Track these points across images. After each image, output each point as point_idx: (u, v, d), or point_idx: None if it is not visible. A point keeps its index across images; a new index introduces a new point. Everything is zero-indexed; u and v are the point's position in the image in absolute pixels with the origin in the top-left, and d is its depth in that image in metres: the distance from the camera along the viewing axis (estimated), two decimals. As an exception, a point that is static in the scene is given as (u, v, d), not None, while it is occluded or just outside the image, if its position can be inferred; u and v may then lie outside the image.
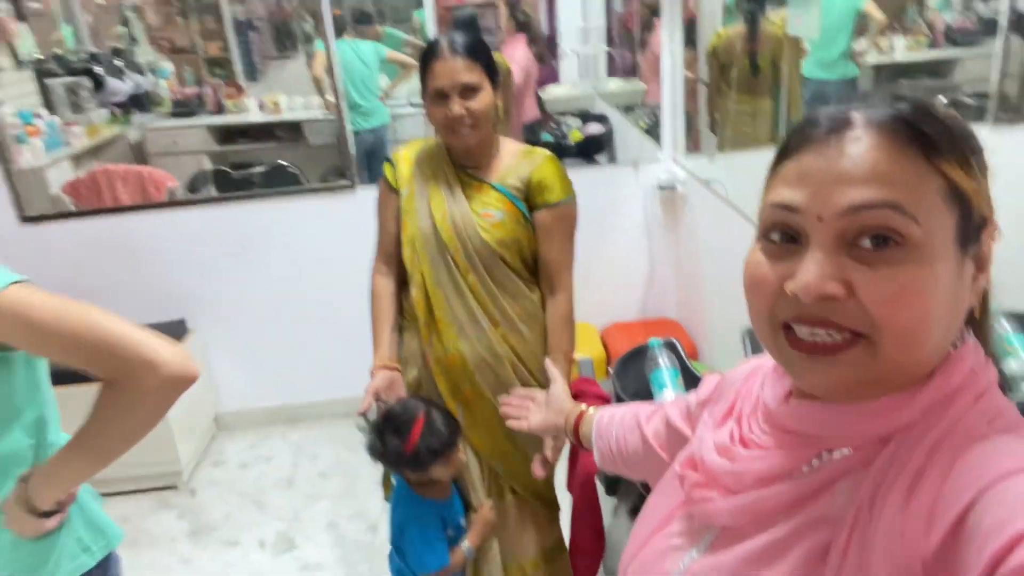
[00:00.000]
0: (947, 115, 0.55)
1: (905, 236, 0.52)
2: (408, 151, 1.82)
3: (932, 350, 0.56)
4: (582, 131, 3.95)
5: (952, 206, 0.53)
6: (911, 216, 0.52)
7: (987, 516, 0.48)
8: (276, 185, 3.41)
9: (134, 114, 4.34)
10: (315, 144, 4.42)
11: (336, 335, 3.29)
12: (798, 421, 0.62)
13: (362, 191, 3.12)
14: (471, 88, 1.61)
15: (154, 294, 3.18)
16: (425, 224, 1.73)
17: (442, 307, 1.74)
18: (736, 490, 0.64)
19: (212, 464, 3.20)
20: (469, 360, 1.76)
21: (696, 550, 0.67)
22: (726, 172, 2.65)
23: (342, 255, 3.18)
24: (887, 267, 0.53)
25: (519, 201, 1.72)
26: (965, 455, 0.53)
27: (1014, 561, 0.45)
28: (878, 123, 0.54)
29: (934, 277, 0.53)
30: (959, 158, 0.53)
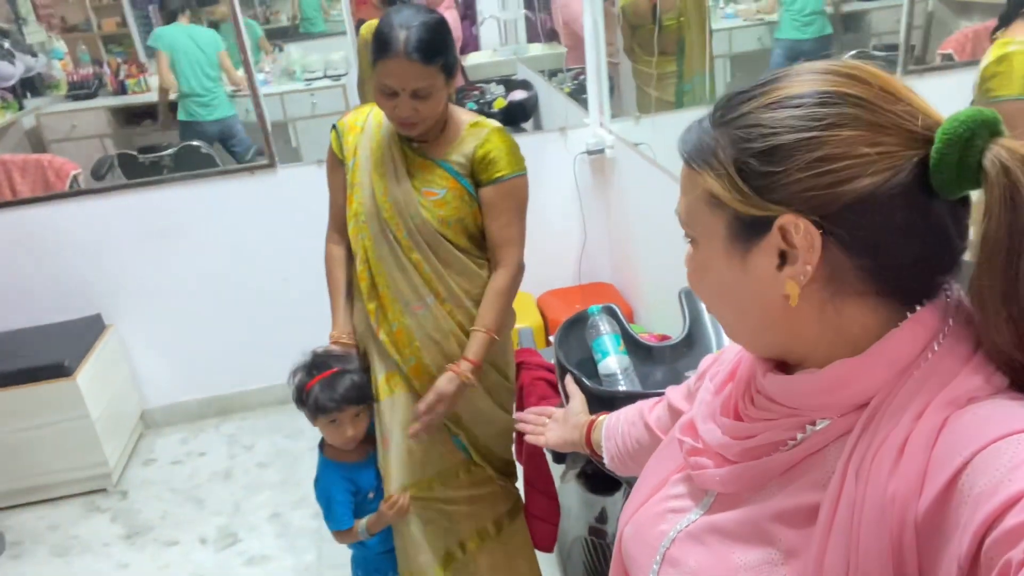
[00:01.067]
0: (739, 114, 0.59)
1: (691, 236, 0.65)
2: (355, 118, 1.75)
3: (751, 328, 0.64)
4: (506, 98, 3.89)
5: (718, 210, 0.60)
6: (685, 223, 0.65)
7: (980, 478, 0.48)
8: (189, 168, 3.24)
9: (27, 99, 4.05)
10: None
11: (265, 320, 3.18)
12: (775, 392, 0.64)
13: (284, 170, 3.00)
14: (422, 92, 1.54)
15: (66, 290, 3.00)
16: (367, 200, 1.68)
17: (385, 283, 1.71)
18: (729, 459, 0.66)
19: (142, 463, 3.07)
20: (416, 336, 1.73)
21: (695, 512, 0.69)
22: (652, 134, 2.66)
23: (267, 237, 3.07)
24: (692, 253, 0.66)
25: (463, 178, 1.67)
26: (957, 417, 0.53)
27: (1008, 523, 0.45)
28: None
29: (707, 265, 0.64)
30: (716, 169, 0.59)
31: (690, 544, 0.67)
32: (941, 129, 0.53)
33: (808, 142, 0.55)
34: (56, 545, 2.66)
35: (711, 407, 0.72)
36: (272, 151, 2.99)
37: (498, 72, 4.32)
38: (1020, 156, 0.51)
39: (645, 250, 2.83)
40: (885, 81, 0.56)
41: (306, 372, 1.73)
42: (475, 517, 1.88)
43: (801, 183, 0.55)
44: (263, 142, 3.00)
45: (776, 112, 0.56)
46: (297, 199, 3.00)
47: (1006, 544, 0.45)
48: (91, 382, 2.79)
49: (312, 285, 2.93)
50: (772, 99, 0.57)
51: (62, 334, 2.91)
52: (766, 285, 0.59)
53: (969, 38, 2.13)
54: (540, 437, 1.27)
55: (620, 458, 1.07)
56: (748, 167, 0.57)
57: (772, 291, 0.59)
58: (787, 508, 0.60)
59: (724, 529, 0.65)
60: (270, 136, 2.98)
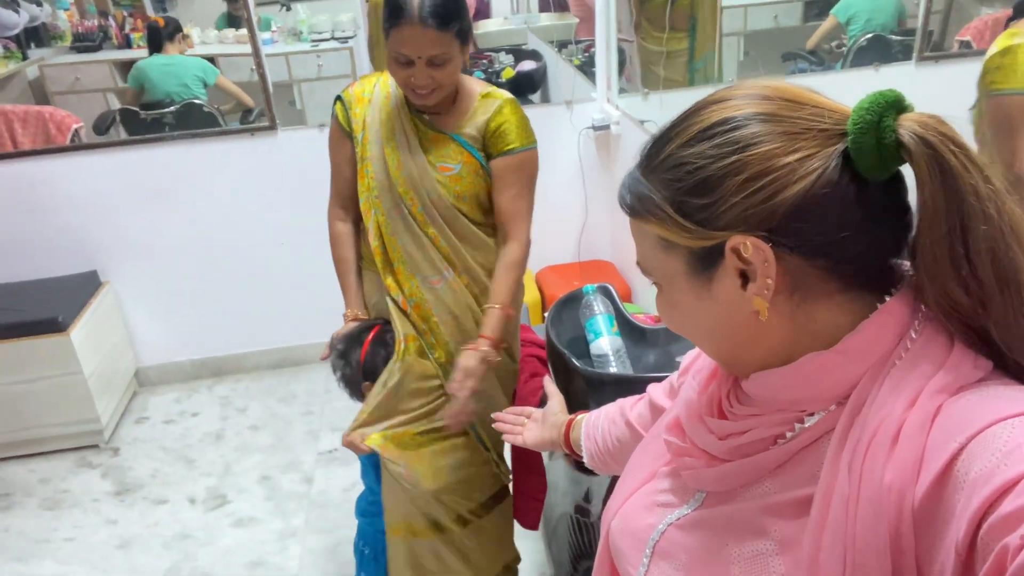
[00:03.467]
0: (667, 154, 0.61)
1: (653, 280, 0.67)
2: (362, 88, 1.69)
3: (731, 348, 0.65)
4: (515, 68, 3.83)
5: (673, 250, 0.62)
6: (645, 270, 0.67)
7: (975, 464, 0.48)
8: (191, 126, 3.21)
9: (31, 49, 4.00)
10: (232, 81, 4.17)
11: (262, 284, 3.17)
12: (754, 391, 0.64)
13: (284, 133, 2.96)
14: (439, 60, 1.49)
15: (62, 245, 2.99)
16: (380, 175, 1.64)
17: (401, 258, 1.68)
18: (719, 457, 0.66)
19: (135, 421, 3.08)
20: (434, 311, 1.70)
21: (686, 507, 0.69)
22: (660, 112, 2.61)
23: (265, 200, 3.05)
24: (659, 295, 0.68)
25: (477, 152, 1.64)
26: (951, 403, 0.54)
27: (1004, 509, 0.45)
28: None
29: (676, 305, 0.66)
30: (657, 214, 0.61)
31: (681, 537, 0.67)
32: (850, 120, 0.55)
33: (731, 167, 0.57)
34: (46, 498, 2.68)
35: (697, 406, 0.71)
36: (273, 113, 2.95)
37: (508, 41, 4.24)
38: (931, 126, 0.53)
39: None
40: (786, 91, 0.59)
41: (351, 349, 1.69)
42: (466, 496, 1.87)
43: (737, 206, 0.57)
44: (264, 103, 2.96)
45: (695, 147, 0.59)
46: (297, 162, 2.97)
47: (1003, 529, 0.45)
48: (85, 338, 2.79)
49: (309, 251, 2.92)
50: (688, 136, 0.60)
51: (57, 289, 2.90)
52: (735, 307, 0.61)
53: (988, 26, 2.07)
54: (518, 437, 1.27)
55: (600, 456, 1.06)
56: (685, 204, 0.59)
57: (742, 311, 0.61)
58: (781, 501, 0.60)
59: (716, 523, 0.64)
60: (271, 97, 2.94)
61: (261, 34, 3.76)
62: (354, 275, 1.78)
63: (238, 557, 2.38)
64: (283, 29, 4.11)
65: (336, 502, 2.56)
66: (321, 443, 2.87)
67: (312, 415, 3.04)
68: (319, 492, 2.63)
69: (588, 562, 1.96)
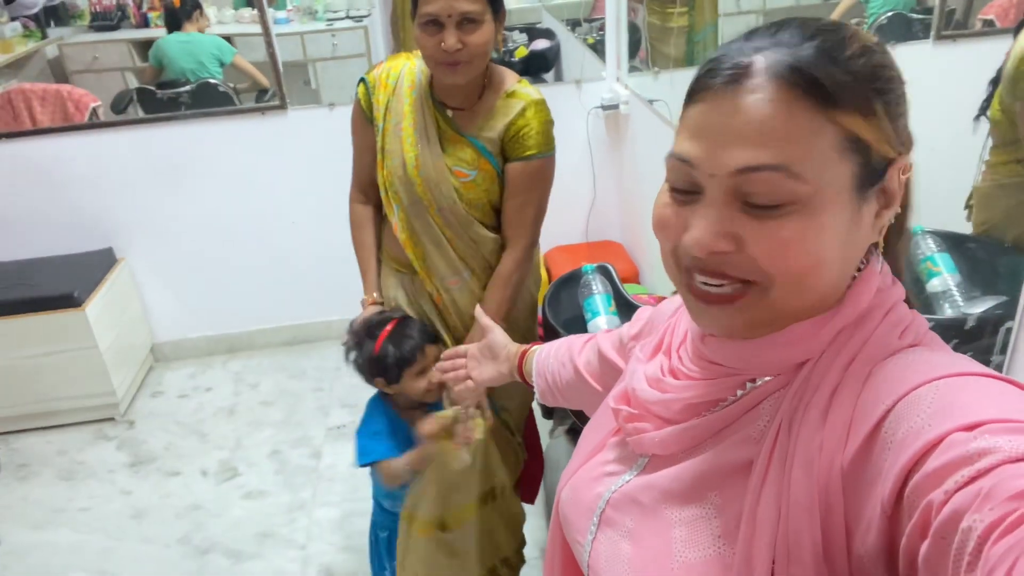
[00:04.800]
0: (857, 54, 0.54)
1: (794, 195, 0.53)
2: (386, 74, 1.62)
3: (827, 288, 0.58)
4: (528, 47, 3.80)
5: (849, 156, 0.54)
6: (798, 176, 0.52)
7: (901, 424, 0.50)
8: (206, 105, 3.23)
9: (51, 28, 4.05)
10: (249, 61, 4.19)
11: (274, 262, 3.21)
12: (718, 354, 0.63)
13: (294, 112, 2.98)
14: (471, 20, 1.42)
15: (78, 222, 3.04)
16: (399, 170, 1.59)
17: (422, 255, 1.65)
18: (668, 419, 0.66)
19: (150, 395, 3.15)
20: (451, 311, 1.70)
21: (629, 474, 0.70)
22: (669, 91, 2.58)
23: (277, 178, 3.07)
24: (775, 221, 0.54)
25: (493, 158, 1.59)
26: (880, 368, 0.55)
27: (929, 467, 0.46)
28: (775, 74, 0.53)
29: (823, 228, 0.54)
30: (860, 106, 0.53)
31: (625, 504, 0.68)
32: None
33: (903, 92, 0.57)
34: (62, 469, 2.75)
35: (646, 372, 0.71)
36: (283, 92, 2.97)
37: (523, 19, 4.21)
38: None
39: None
40: None
41: (365, 340, 1.64)
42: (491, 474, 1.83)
43: (908, 128, 0.58)
44: (274, 82, 2.98)
45: (884, 58, 0.56)
46: (308, 141, 2.99)
47: (927, 487, 0.46)
48: (100, 314, 2.84)
49: (320, 230, 2.96)
50: (869, 44, 0.56)
51: (73, 265, 2.96)
52: (866, 235, 0.58)
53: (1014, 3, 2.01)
54: (468, 382, 1.22)
55: (551, 394, 1.07)
56: (892, 108, 0.56)
57: (867, 241, 0.59)
58: (720, 464, 0.61)
59: (658, 487, 0.65)
60: (281, 76, 2.95)
61: (276, 13, 3.78)
62: (373, 259, 1.76)
63: (247, 528, 2.43)
64: (298, 9, 4.12)
65: (344, 476, 2.60)
66: (330, 419, 2.91)
67: (322, 391, 3.09)
68: (327, 467, 2.67)
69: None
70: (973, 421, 0.47)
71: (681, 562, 0.60)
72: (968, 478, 0.44)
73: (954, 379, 0.51)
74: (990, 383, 0.51)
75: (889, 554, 0.50)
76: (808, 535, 0.53)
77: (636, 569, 0.64)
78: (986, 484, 0.43)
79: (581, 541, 0.72)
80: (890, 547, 0.50)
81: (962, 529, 0.43)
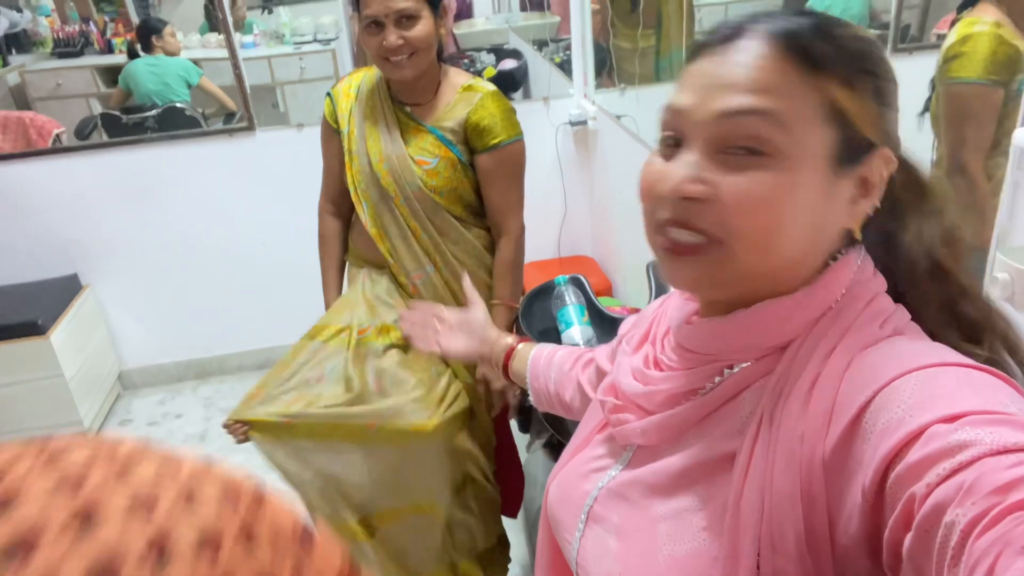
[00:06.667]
0: (850, 36, 0.57)
1: (772, 144, 0.54)
2: (348, 84, 1.73)
3: (788, 259, 0.58)
4: (496, 67, 3.84)
5: (831, 125, 0.55)
6: (781, 125, 0.54)
7: (882, 414, 0.50)
8: (172, 128, 3.21)
9: (12, 55, 4.00)
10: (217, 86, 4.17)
11: (243, 285, 3.17)
12: (697, 340, 0.64)
13: (262, 133, 2.97)
14: (408, 16, 1.51)
15: (43, 248, 2.99)
16: (365, 167, 1.67)
17: (388, 251, 1.70)
18: (650, 410, 0.66)
19: (118, 423, 3.08)
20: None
21: (615, 468, 0.70)
22: (636, 107, 2.62)
23: (245, 201, 3.05)
24: (749, 173, 0.55)
25: (455, 147, 1.64)
26: (860, 357, 0.55)
27: (910, 458, 0.47)
28: (767, 34, 0.56)
29: (792, 188, 0.55)
30: (844, 78, 0.55)
31: (612, 500, 0.68)
32: None
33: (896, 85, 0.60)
34: (28, 502, 2.67)
35: (630, 364, 0.72)
36: (251, 114, 2.96)
37: (489, 41, 4.26)
38: None
39: (625, 224, 2.81)
40: None
41: None
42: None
43: (894, 124, 0.59)
44: (241, 103, 2.97)
45: (876, 49, 0.58)
46: (276, 162, 2.98)
47: (909, 478, 0.46)
48: (65, 342, 2.79)
49: (290, 251, 2.93)
50: (862, 35, 0.58)
51: (38, 293, 2.90)
52: (838, 216, 0.59)
53: (966, 18, 2.08)
54: (433, 346, 1.16)
55: (548, 401, 1.03)
56: (879, 91, 0.58)
57: (839, 222, 0.60)
58: (704, 458, 0.61)
59: (644, 482, 0.65)
60: (249, 98, 2.95)
61: (243, 37, 3.77)
62: (335, 272, 1.81)
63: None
64: (265, 33, 4.12)
65: (318, 500, 2.56)
66: (304, 442, 2.87)
67: (296, 415, 3.04)
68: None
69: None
70: (954, 412, 0.47)
71: (667, 555, 0.60)
72: (950, 471, 0.44)
73: (934, 369, 0.51)
74: (970, 373, 0.51)
75: (871, 543, 0.50)
76: (792, 526, 0.53)
77: (623, 564, 0.63)
78: (968, 477, 0.43)
79: (569, 539, 0.72)
80: (872, 536, 0.50)
81: (945, 523, 0.43)
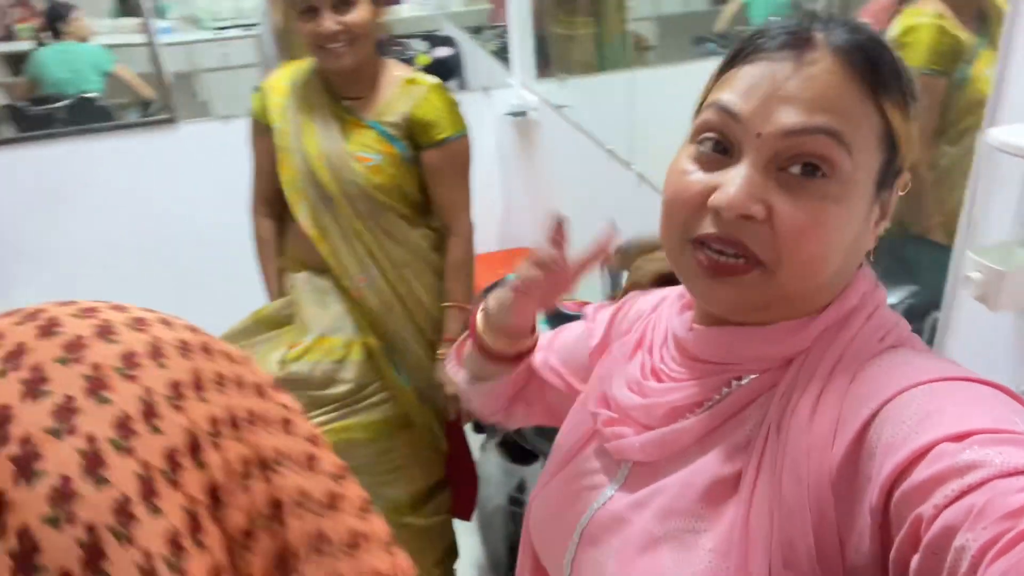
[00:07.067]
0: (898, 56, 0.56)
1: (836, 167, 0.52)
2: (280, 78, 1.63)
3: (825, 285, 0.57)
4: (429, 55, 3.76)
5: (882, 148, 0.54)
6: (848, 147, 0.52)
7: (886, 429, 0.49)
8: (85, 121, 3.01)
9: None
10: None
11: (169, 291, 2.99)
12: (704, 348, 0.62)
13: (185, 127, 2.81)
14: (345, 1, 1.44)
15: (-56, 255, 2.76)
16: (302, 165, 1.58)
17: (330, 254, 1.61)
18: (648, 424, 0.63)
19: (38, 438, 2.89)
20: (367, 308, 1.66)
21: (611, 488, 0.67)
22: (577, 96, 2.60)
23: (168, 201, 2.89)
24: (808, 198, 0.53)
25: (398, 142, 1.57)
26: (863, 371, 0.54)
27: (916, 477, 0.45)
28: (837, 48, 0.53)
29: (847, 215, 0.54)
30: (901, 101, 0.54)
31: (609, 522, 0.65)
32: None
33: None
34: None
35: (624, 374, 0.68)
36: (172, 105, 2.80)
37: (420, 27, 4.17)
38: None
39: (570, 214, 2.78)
40: None
41: None
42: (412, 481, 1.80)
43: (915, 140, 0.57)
44: (162, 95, 2.80)
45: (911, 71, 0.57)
46: (201, 157, 2.82)
47: (916, 499, 0.45)
48: (-25, 354, 2.59)
49: (220, 249, 2.79)
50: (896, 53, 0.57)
51: (-59, 302, 2.69)
52: (868, 239, 0.59)
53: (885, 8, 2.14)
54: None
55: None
56: (916, 115, 0.56)
57: (868, 245, 0.59)
58: (708, 475, 0.59)
59: (643, 502, 0.63)
60: (170, 89, 2.79)
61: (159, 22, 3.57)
62: (274, 275, 1.75)
63: None
64: (182, 17, 3.92)
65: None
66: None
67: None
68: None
69: (527, 554, 1.94)
70: (962, 431, 0.46)
71: None
72: (958, 492, 0.43)
73: (940, 384, 0.50)
74: (976, 388, 0.50)
75: (883, 563, 0.49)
76: (802, 540, 0.52)
77: None
78: (978, 500, 0.42)
79: (559, 562, 0.68)
80: (882, 556, 0.49)
81: (955, 547, 0.42)
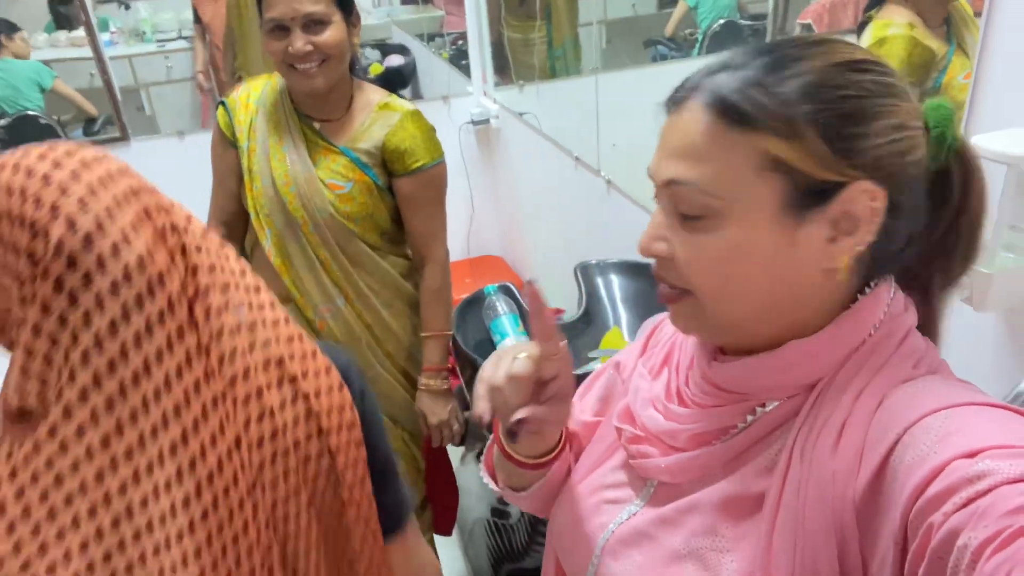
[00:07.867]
0: (800, 72, 0.54)
1: (705, 207, 0.55)
2: (247, 93, 1.55)
3: (763, 306, 0.58)
4: (382, 63, 3.71)
5: (770, 175, 0.54)
6: (711, 194, 0.55)
7: (908, 452, 0.50)
8: (26, 140, 2.86)
9: None
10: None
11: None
12: (732, 378, 0.62)
13: (137, 143, 2.72)
14: (317, 20, 1.38)
15: None
16: (269, 190, 1.50)
17: (292, 283, 1.54)
18: (674, 446, 0.64)
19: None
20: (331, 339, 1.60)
21: (636, 504, 0.67)
22: (537, 103, 2.60)
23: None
24: (698, 234, 0.56)
25: (370, 170, 1.51)
26: (890, 396, 0.55)
27: (931, 491, 0.46)
28: (703, 98, 0.56)
29: (741, 244, 0.55)
30: (777, 128, 0.53)
31: (633, 537, 0.65)
32: (935, 109, 0.57)
33: (886, 108, 0.54)
34: None
35: (650, 392, 0.68)
36: (123, 121, 2.70)
37: (372, 36, 4.10)
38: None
39: (534, 221, 2.79)
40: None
41: None
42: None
43: (880, 149, 0.54)
44: (112, 111, 2.71)
45: (850, 75, 0.54)
46: (154, 175, 2.69)
47: (928, 510, 0.46)
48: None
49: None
50: (835, 60, 0.55)
51: None
52: (809, 260, 0.56)
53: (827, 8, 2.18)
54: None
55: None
56: (831, 129, 0.53)
57: (812, 266, 0.56)
58: (732, 496, 0.60)
59: (668, 519, 0.63)
60: (120, 105, 2.69)
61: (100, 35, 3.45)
62: None
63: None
64: (123, 30, 3.78)
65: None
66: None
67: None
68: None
69: (510, 565, 1.92)
70: (975, 448, 0.47)
71: None
72: (966, 499, 0.44)
73: (962, 408, 0.51)
74: (998, 412, 0.51)
75: None
76: (826, 563, 0.53)
77: None
78: (983, 504, 0.43)
79: (581, 572, 0.69)
80: None
81: (958, 547, 0.43)
